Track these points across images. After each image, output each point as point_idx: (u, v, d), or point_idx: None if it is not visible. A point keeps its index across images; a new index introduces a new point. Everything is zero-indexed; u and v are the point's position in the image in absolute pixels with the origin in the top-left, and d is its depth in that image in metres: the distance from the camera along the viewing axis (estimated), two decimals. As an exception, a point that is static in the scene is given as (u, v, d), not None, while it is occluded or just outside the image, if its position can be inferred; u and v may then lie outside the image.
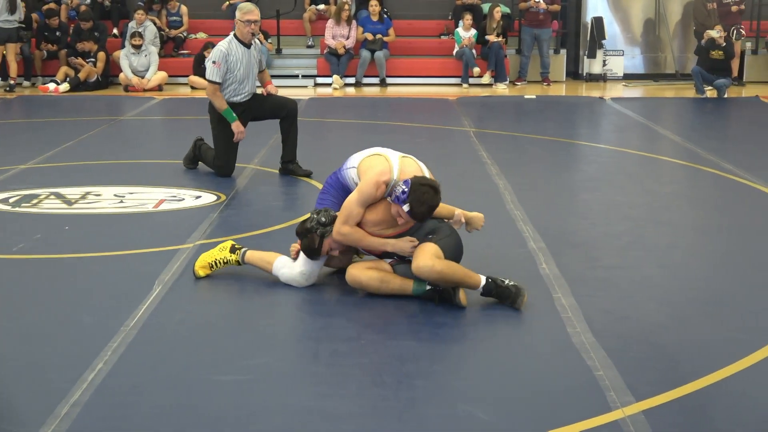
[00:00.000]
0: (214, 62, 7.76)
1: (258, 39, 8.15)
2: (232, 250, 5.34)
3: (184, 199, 7.25)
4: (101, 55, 15.02)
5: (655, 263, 5.67)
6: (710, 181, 8.14)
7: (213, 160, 8.09)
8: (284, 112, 8.18)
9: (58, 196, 7.35)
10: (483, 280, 4.83)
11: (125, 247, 5.93)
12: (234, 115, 7.91)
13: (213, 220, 6.58)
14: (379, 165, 5.10)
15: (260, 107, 8.16)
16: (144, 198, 7.29)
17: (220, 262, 5.30)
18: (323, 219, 5.02)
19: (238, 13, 7.84)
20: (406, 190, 4.80)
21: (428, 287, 4.85)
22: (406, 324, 4.64)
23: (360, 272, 4.95)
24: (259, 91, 8.27)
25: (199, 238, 6.10)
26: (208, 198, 7.26)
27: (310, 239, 5.00)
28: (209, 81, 7.83)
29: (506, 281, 4.82)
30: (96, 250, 5.92)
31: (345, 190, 5.28)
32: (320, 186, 7.63)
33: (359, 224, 4.99)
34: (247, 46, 7.89)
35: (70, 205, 7.10)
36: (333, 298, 5.03)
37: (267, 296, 5.04)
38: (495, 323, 4.67)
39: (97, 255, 5.82)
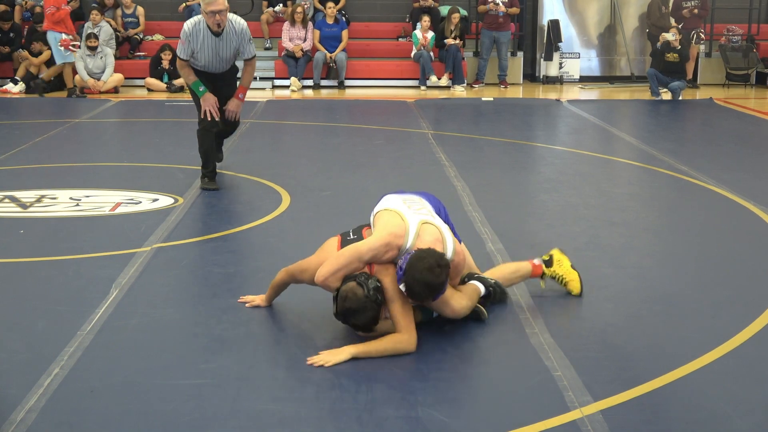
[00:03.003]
0: (180, 40, 7.47)
1: (236, 26, 7.57)
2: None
3: (141, 202, 7.20)
4: (47, 53, 14.79)
5: (611, 264, 5.72)
6: (665, 182, 8.23)
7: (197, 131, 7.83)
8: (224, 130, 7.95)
9: (13, 199, 7.27)
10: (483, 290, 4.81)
11: (81, 251, 5.88)
12: (202, 88, 7.57)
13: (170, 223, 6.54)
14: (393, 224, 4.47)
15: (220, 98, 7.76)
16: (100, 201, 7.23)
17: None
18: (377, 284, 4.31)
19: (202, 4, 7.41)
20: (403, 266, 4.23)
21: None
22: (364, 326, 4.64)
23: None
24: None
25: (156, 241, 6.06)
26: (165, 201, 7.21)
27: (373, 311, 4.27)
28: (178, 57, 7.61)
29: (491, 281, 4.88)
30: (52, 254, 5.86)
31: None
32: (277, 187, 7.64)
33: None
34: (215, 34, 7.42)
35: (25, 208, 7.03)
36: (290, 302, 5.02)
37: (224, 300, 5.02)
38: (453, 325, 4.68)
39: (52, 259, 5.76)
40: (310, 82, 15.51)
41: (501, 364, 4.23)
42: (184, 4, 16.50)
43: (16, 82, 14.66)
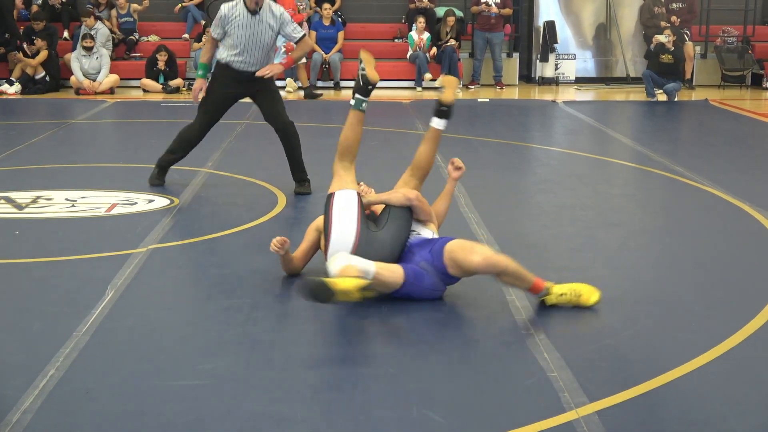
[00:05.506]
0: (214, 20, 7.37)
1: (274, 7, 7.30)
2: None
3: (136, 203, 7.20)
4: (44, 53, 14.77)
5: (606, 264, 5.72)
6: (660, 183, 8.24)
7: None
8: (276, 126, 7.70)
9: (8, 200, 7.26)
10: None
11: (77, 252, 5.87)
12: (202, 72, 7.49)
13: (166, 224, 6.54)
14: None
15: (262, 99, 7.59)
16: (96, 202, 7.23)
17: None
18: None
19: None
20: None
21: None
22: (359, 327, 4.64)
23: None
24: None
25: (152, 242, 6.06)
26: (161, 202, 7.21)
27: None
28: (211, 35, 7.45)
29: None
30: (47, 255, 5.86)
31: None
32: (273, 188, 7.64)
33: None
34: (252, 12, 7.18)
35: (21, 209, 7.02)
36: (286, 302, 5.02)
37: (220, 301, 5.02)
38: (449, 325, 4.69)
39: (48, 260, 5.75)
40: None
41: (496, 365, 4.23)
42: (180, 5, 16.50)
43: (11, 83, 14.63)
